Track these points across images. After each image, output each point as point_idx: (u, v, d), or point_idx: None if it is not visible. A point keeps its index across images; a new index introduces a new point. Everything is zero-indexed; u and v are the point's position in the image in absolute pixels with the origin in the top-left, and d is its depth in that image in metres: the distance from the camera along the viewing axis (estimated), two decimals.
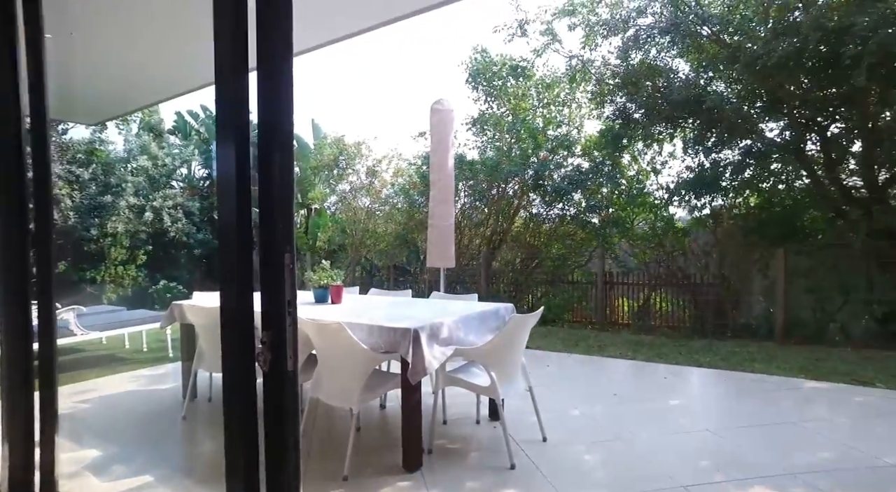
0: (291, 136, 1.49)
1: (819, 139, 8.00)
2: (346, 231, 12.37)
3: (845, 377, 5.12)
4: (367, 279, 12.21)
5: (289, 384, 1.44)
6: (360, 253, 12.23)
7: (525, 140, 9.81)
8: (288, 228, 1.46)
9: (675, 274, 8.46)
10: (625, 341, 7.34)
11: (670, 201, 8.89)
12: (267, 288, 1.45)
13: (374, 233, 12.03)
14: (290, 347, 1.44)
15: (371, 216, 12.11)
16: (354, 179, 12.22)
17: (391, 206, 11.98)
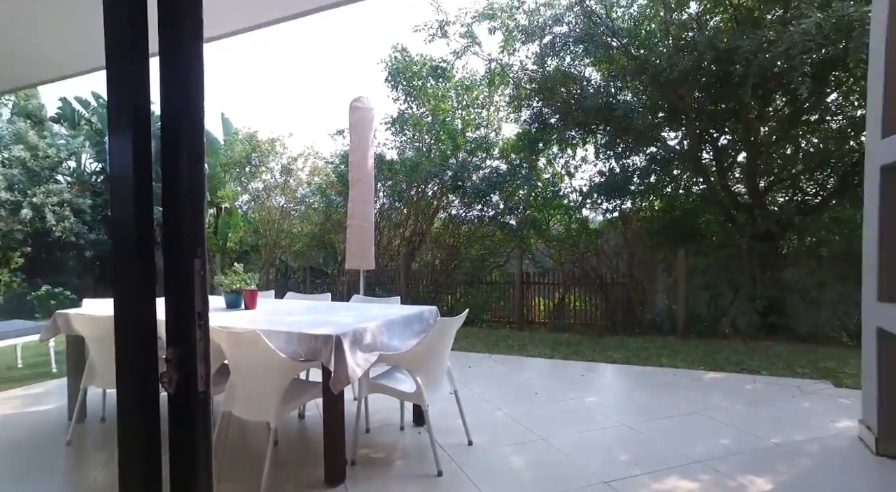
0: (202, 128, 1.32)
1: (712, 149, 8.73)
2: (259, 231, 11.77)
3: (736, 367, 5.58)
4: (283, 282, 11.68)
5: (200, 407, 1.26)
6: (275, 254, 11.68)
7: (444, 141, 9.85)
8: (198, 231, 1.29)
9: (588, 274, 8.84)
10: (542, 340, 7.55)
11: (584, 204, 9.29)
12: (173, 298, 1.27)
13: (289, 233, 11.54)
14: (201, 365, 1.27)
15: (286, 216, 11.61)
16: (268, 178, 11.66)
17: (307, 205, 11.55)
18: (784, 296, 7.42)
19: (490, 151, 9.89)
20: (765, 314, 7.37)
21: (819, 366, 5.51)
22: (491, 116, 10.67)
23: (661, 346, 6.86)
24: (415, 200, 10.09)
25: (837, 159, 7.61)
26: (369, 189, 6.99)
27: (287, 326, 3.15)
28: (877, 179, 3.45)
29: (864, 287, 3.64)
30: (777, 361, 5.77)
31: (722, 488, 2.84)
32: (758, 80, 6.30)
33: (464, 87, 10.13)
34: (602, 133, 9.09)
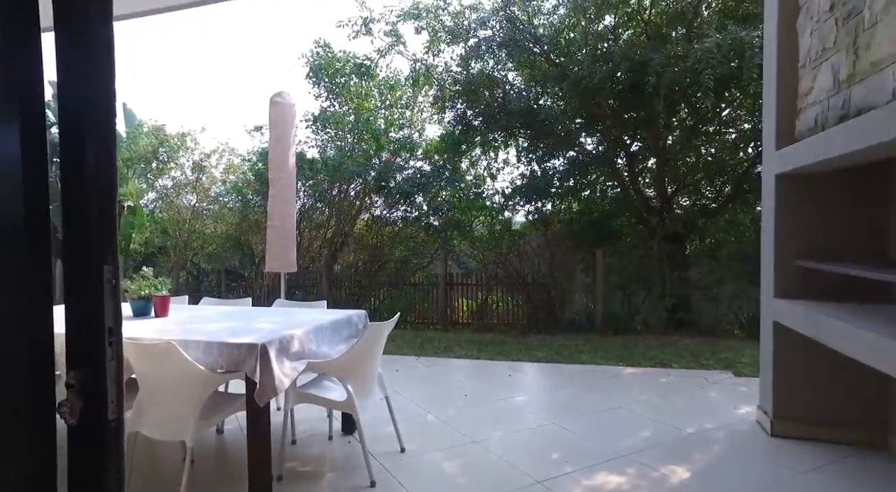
0: (114, 116, 1.16)
1: (625, 155, 9.24)
2: (167, 232, 10.92)
3: (651, 361, 5.93)
4: (194, 286, 10.92)
5: (111, 437, 1.10)
6: (185, 257, 10.90)
7: (367, 141, 9.67)
8: (108, 233, 1.12)
9: (510, 274, 9.03)
10: (468, 341, 7.60)
11: (506, 206, 9.48)
12: (78, 311, 1.10)
13: (201, 234, 10.81)
14: (112, 389, 1.10)
15: (198, 216, 10.87)
16: (178, 174, 10.86)
17: (222, 205, 10.89)
18: (689, 293, 7.99)
19: (414, 152, 9.83)
20: (673, 311, 7.90)
21: (721, 357, 5.97)
22: (415, 117, 10.62)
23: (581, 343, 7.13)
24: (337, 201, 9.82)
25: (732, 168, 8.32)
26: (290, 188, 6.71)
27: (206, 335, 2.92)
28: (772, 186, 3.78)
29: (763, 285, 3.97)
30: (685, 355, 6.19)
31: (647, 480, 2.97)
32: (667, 92, 6.72)
33: (388, 86, 10.00)
34: (524, 137, 9.33)
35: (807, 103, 3.51)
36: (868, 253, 3.54)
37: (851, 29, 3.03)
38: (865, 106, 2.81)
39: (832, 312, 3.08)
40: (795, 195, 3.66)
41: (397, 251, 10.11)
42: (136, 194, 11.02)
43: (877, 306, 3.27)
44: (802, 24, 3.71)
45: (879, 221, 3.51)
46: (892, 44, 2.62)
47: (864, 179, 3.51)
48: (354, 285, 9.95)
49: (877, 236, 3.53)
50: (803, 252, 3.60)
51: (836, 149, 2.91)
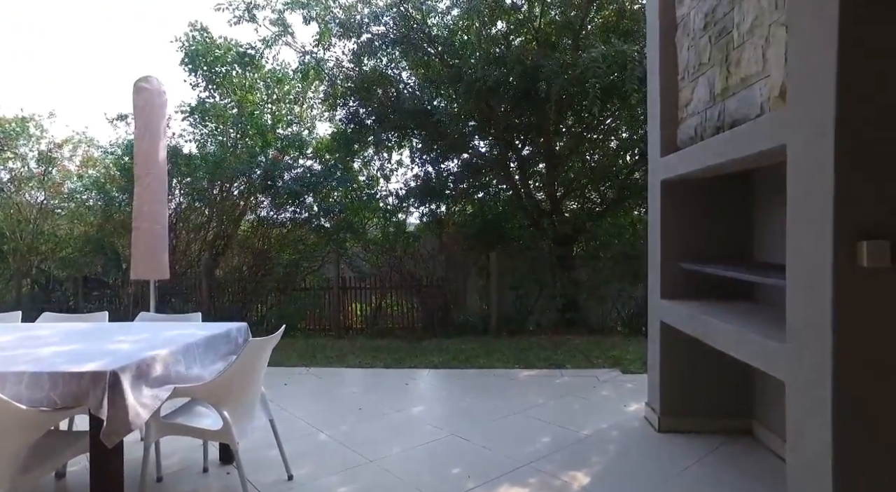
0: None
1: (517, 159, 9.47)
2: (4, 234, 9.32)
3: (545, 362, 6.05)
4: (42, 297, 9.41)
5: None
6: (30, 262, 9.37)
7: (253, 136, 8.97)
8: None
9: (405, 278, 8.85)
10: (362, 348, 7.28)
11: (400, 207, 9.29)
12: None
13: (52, 236, 9.36)
14: None
15: (47, 215, 9.40)
16: (19, 166, 9.30)
17: (79, 203, 9.52)
18: (577, 293, 8.35)
19: (303, 150, 9.29)
20: (563, 311, 8.19)
21: (609, 355, 6.25)
22: (304, 114, 10.08)
23: (477, 346, 7.13)
24: (218, 201, 8.99)
25: (615, 174, 8.85)
26: (161, 186, 5.99)
27: (34, 364, 2.37)
28: (658, 191, 3.95)
29: (650, 286, 4.15)
30: (577, 354, 6.40)
31: (550, 489, 2.91)
32: (557, 98, 6.93)
33: (275, 79, 9.36)
34: (418, 138, 9.20)
35: (687, 114, 3.71)
36: (739, 255, 3.82)
37: (723, 47, 3.21)
38: (739, 118, 2.98)
39: (709, 310, 3.26)
40: (679, 200, 3.85)
41: (286, 254, 9.49)
42: None
43: (747, 304, 3.53)
44: (680, 40, 3.93)
45: (747, 225, 3.81)
46: (757, 62, 2.80)
47: (738, 186, 3.78)
48: (239, 292, 9.19)
49: (746, 239, 3.82)
50: (687, 254, 3.80)
51: (713, 157, 3.07)
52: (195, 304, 8.79)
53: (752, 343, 2.59)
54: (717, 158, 3.01)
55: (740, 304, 3.57)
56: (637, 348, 6.62)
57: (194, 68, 8.58)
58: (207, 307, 8.45)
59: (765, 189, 3.64)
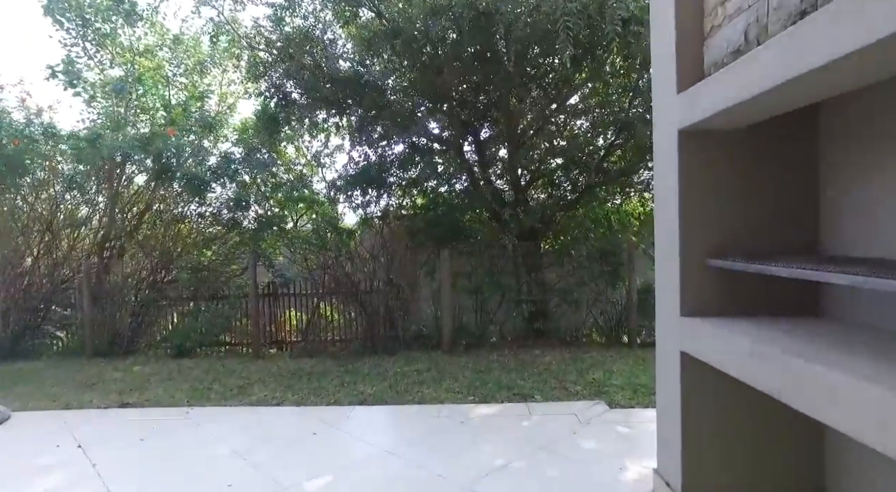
0: None
1: (474, 141, 8.04)
2: None
3: (509, 392, 4.62)
4: None
5: None
6: None
7: (151, 111, 7.24)
8: None
9: (342, 282, 7.29)
10: (280, 372, 5.70)
11: (336, 198, 7.73)
12: None
13: None
14: None
15: None
16: None
17: None
18: (547, 298, 6.98)
19: (216, 131, 7.60)
20: (530, 319, 6.82)
21: (589, 379, 4.87)
22: (223, 90, 8.39)
23: (424, 367, 5.65)
24: (106, 190, 7.22)
25: (587, 155, 7.51)
26: None
27: None
28: (673, 149, 2.54)
29: (660, 297, 2.75)
30: (548, 378, 5.00)
31: None
32: (518, 48, 5.51)
33: (176, 42, 7.63)
34: (355, 115, 7.64)
35: (723, 16, 2.30)
36: (798, 244, 2.47)
37: None
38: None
39: (770, 336, 1.89)
40: (708, 160, 2.46)
41: (203, 256, 7.77)
42: None
43: (810, 322, 2.20)
44: None
45: (809, 197, 2.46)
46: None
47: (797, 133, 2.43)
48: (137, 303, 7.39)
49: (807, 219, 2.47)
50: (722, 246, 2.42)
51: (797, 63, 1.66)
52: (76, 324, 7.02)
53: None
54: (809, 63, 1.60)
55: (805, 322, 2.23)
56: (621, 366, 5.30)
57: (61, 19, 6.73)
58: (90, 328, 6.70)
59: (844, 135, 2.29)
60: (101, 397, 4.84)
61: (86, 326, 6.74)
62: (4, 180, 6.65)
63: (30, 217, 7.03)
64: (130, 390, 5.05)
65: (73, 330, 7.18)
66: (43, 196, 7.02)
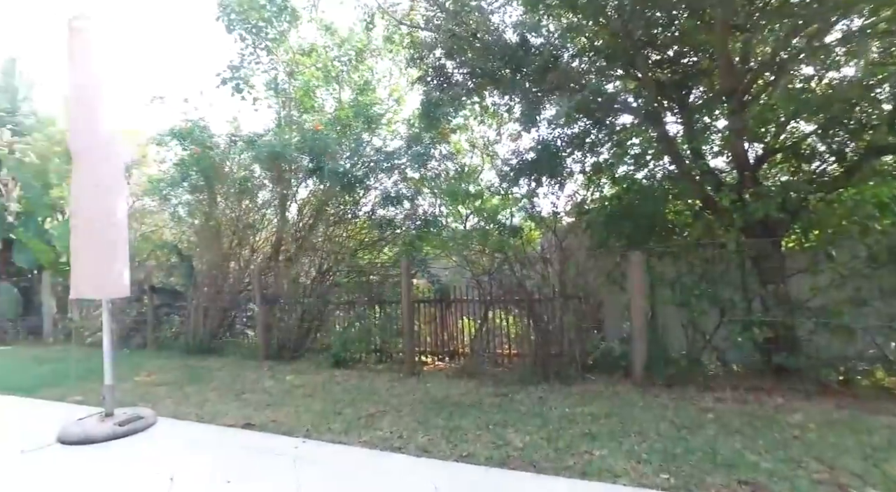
0: None
1: (679, 109, 6.18)
2: None
3: (729, 478, 2.91)
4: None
5: None
6: None
7: (315, 110, 7.12)
8: None
9: (511, 289, 6.17)
10: (424, 399, 4.82)
11: (505, 192, 6.63)
12: None
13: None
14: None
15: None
16: None
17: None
18: (794, 320, 4.80)
19: (372, 124, 7.11)
20: (767, 350, 4.77)
21: (885, 474, 2.85)
22: (392, 84, 8.00)
23: (602, 409, 4.18)
24: (282, 194, 7.32)
25: (862, 113, 5.07)
26: (111, 167, 4.29)
27: None
28: None
29: None
30: (802, 456, 3.09)
31: None
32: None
33: (333, 33, 7.38)
34: (526, 92, 6.43)
35: None
36: None
37: None
38: None
39: None
40: None
41: (364, 259, 7.45)
42: None
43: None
44: None
45: None
46: None
47: None
48: (303, 308, 7.26)
49: None
50: None
51: None
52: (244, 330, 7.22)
53: None
54: None
55: None
56: None
57: (230, 26, 6.91)
58: (263, 332, 6.79)
59: None
60: (237, 410, 4.55)
61: (259, 329, 6.86)
62: (203, 188, 7.17)
63: (223, 222, 7.49)
64: (266, 405, 4.69)
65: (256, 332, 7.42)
66: (230, 201, 7.40)
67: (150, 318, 7.89)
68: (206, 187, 7.04)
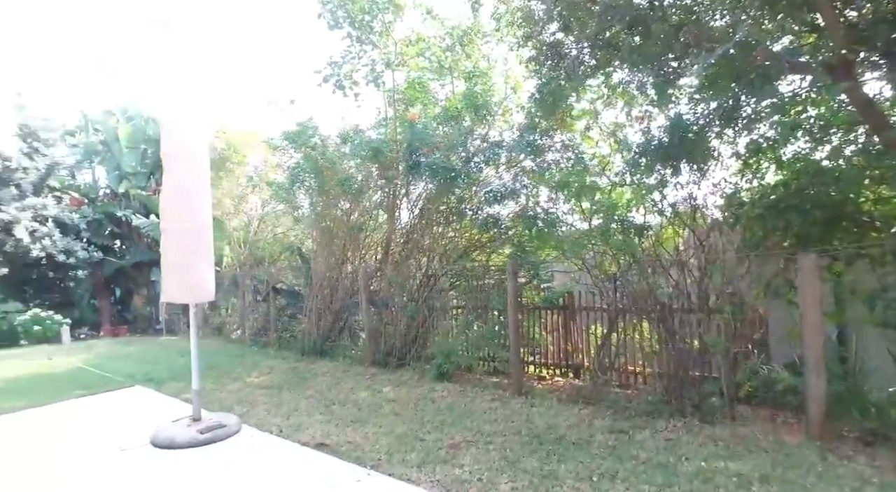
0: None
1: (883, 62, 4.62)
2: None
3: None
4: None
5: None
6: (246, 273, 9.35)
7: (421, 102, 6.71)
8: None
9: (639, 298, 5.14)
10: (524, 428, 4.09)
11: (634, 183, 5.56)
12: None
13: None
14: None
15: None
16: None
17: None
18: None
19: (481, 112, 6.43)
20: None
21: None
22: (507, 71, 7.30)
23: (756, 467, 3.08)
24: (389, 192, 7.04)
25: None
26: (195, 169, 4.25)
27: None
28: None
29: None
30: None
31: None
32: None
33: (434, 18, 6.87)
34: (658, 60, 5.31)
35: None
36: None
37: None
38: None
39: None
40: None
41: (472, 261, 6.85)
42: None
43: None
44: None
45: None
46: None
47: None
48: (409, 314, 6.82)
49: None
50: None
51: None
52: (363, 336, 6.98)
53: None
54: None
55: None
56: None
57: (331, 22, 6.72)
58: (369, 337, 6.56)
59: None
60: (319, 425, 4.26)
61: (365, 334, 6.65)
62: (315, 191, 7.19)
63: (335, 224, 7.44)
64: (350, 422, 4.33)
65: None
66: (339, 202, 7.30)
67: (272, 318, 8.21)
68: (318, 189, 7.04)
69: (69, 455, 3.73)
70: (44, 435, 4.21)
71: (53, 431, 4.32)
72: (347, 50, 6.80)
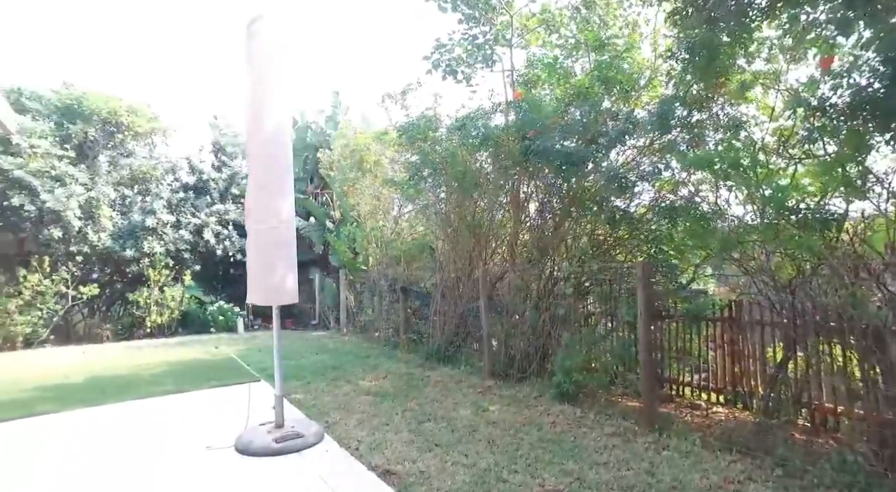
0: None
1: None
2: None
3: None
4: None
5: None
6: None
7: (547, 83, 5.91)
8: None
9: (830, 311, 3.75)
10: (640, 479, 3.14)
11: (816, 154, 4.12)
12: None
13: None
14: None
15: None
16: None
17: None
18: None
19: (613, 85, 5.40)
20: None
21: None
22: (655, 34, 6.15)
23: None
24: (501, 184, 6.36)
25: None
26: (277, 167, 4.15)
27: None
28: None
29: None
30: None
31: None
32: None
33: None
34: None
35: None
36: None
37: None
38: None
39: None
40: None
41: (619, 257, 5.83)
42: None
43: None
44: None
45: None
46: None
47: None
48: (530, 322, 6.01)
49: None
50: None
51: None
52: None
53: None
54: None
55: None
56: None
57: (444, 5, 6.19)
58: (488, 345, 5.97)
59: None
60: (401, 445, 3.82)
61: (484, 341, 6.07)
62: (436, 186, 6.84)
63: (458, 221, 6.99)
64: (434, 446, 3.80)
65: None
66: (461, 198, 6.81)
67: (401, 319, 8.10)
68: (439, 185, 6.68)
69: (161, 448, 3.85)
70: (151, 425, 4.43)
71: (162, 421, 4.54)
72: (462, 32, 6.28)
